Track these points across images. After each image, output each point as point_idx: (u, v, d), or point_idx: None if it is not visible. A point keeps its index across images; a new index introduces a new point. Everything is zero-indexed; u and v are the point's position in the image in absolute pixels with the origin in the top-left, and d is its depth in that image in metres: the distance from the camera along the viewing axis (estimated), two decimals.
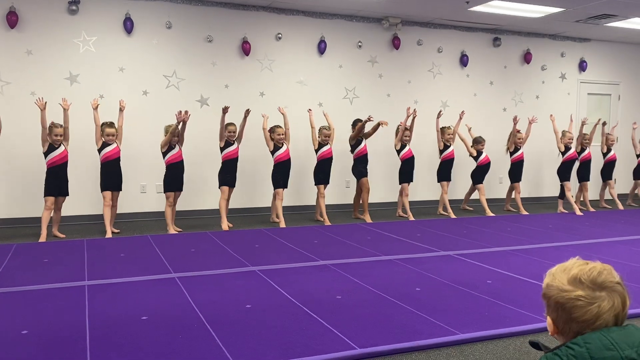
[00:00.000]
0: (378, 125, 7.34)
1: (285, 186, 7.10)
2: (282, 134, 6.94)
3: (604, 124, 9.01)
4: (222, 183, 6.82)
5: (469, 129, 8.37)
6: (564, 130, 8.45)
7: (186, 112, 6.30)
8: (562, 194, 8.60)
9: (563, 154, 8.43)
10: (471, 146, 8.22)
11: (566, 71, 10.00)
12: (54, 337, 3.10)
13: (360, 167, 7.50)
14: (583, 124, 8.68)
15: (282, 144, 6.99)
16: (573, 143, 8.45)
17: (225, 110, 6.59)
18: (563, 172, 8.48)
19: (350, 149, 7.53)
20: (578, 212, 8.24)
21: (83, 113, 6.79)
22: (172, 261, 4.90)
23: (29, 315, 3.45)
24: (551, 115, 8.52)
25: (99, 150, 6.24)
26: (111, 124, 6.22)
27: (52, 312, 3.51)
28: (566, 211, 8.56)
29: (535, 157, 9.43)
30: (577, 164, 8.81)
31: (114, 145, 6.24)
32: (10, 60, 6.76)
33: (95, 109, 6.17)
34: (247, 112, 6.77)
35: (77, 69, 7.04)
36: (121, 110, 6.30)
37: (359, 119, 7.47)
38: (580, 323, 1.28)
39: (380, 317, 3.46)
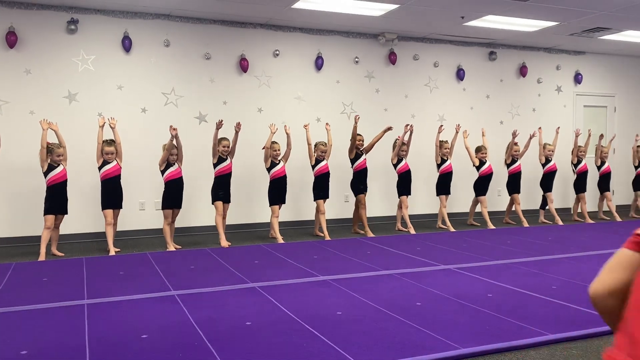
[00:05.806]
0: (386, 130, 7.53)
1: (282, 202, 7.09)
2: (278, 150, 6.95)
3: (601, 136, 9.08)
4: (215, 199, 6.76)
5: (466, 137, 8.26)
6: (545, 143, 8.53)
7: (172, 127, 6.29)
8: (544, 204, 8.73)
9: (543, 165, 8.58)
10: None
11: (562, 84, 10.07)
12: (53, 356, 3.08)
13: (357, 183, 7.51)
14: (577, 135, 8.75)
15: (279, 161, 7.00)
16: (555, 155, 8.60)
17: (219, 125, 6.54)
18: (544, 184, 8.65)
19: (350, 163, 7.56)
20: (559, 222, 8.47)
21: (82, 131, 6.83)
22: (172, 278, 4.88)
23: (28, 335, 3.43)
24: (539, 128, 8.61)
25: (99, 168, 6.25)
26: (110, 143, 6.22)
27: (52, 332, 3.50)
28: (548, 222, 8.62)
29: (531, 171, 9.45)
30: (574, 176, 8.87)
31: (113, 163, 6.25)
32: (10, 80, 6.80)
33: (102, 126, 6.18)
34: (238, 126, 6.68)
35: (76, 87, 7.07)
36: (112, 128, 6.25)
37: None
38: None
39: (381, 332, 3.45)
